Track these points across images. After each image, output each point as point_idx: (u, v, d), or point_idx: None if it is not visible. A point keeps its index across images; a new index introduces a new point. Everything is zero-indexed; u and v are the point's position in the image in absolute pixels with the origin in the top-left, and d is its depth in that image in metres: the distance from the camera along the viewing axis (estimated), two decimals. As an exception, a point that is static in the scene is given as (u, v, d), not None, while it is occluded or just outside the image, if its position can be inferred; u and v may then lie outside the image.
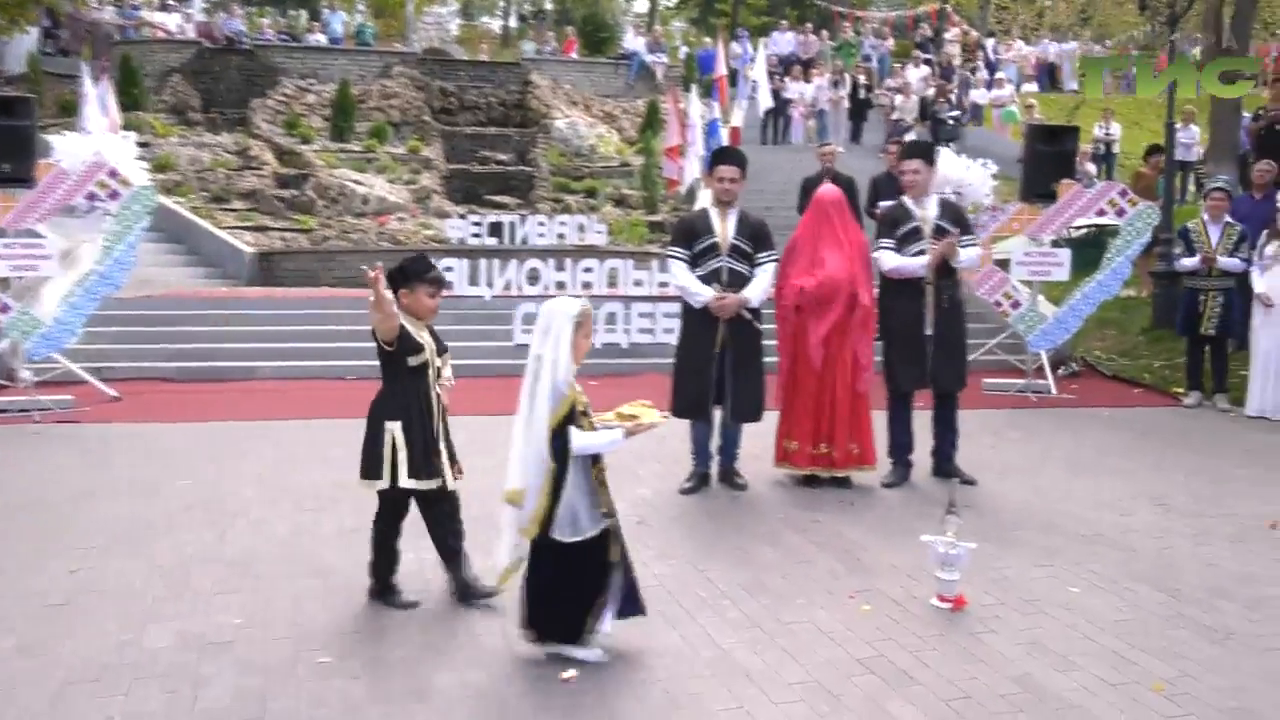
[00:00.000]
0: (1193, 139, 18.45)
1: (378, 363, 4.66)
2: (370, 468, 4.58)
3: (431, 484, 4.63)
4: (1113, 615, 4.74)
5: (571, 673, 4.01)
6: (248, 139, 20.02)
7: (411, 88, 22.88)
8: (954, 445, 7.11)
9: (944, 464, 7.09)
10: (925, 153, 7.15)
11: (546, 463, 4.00)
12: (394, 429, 4.54)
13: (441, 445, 4.69)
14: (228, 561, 5.28)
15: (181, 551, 5.43)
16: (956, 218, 7.05)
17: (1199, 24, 17.22)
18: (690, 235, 6.71)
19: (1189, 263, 9.91)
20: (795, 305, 6.71)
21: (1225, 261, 9.67)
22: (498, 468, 4.26)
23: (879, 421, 7.00)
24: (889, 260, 6.93)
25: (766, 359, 6.73)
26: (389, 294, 4.42)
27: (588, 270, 12.61)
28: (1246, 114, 15.07)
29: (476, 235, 14.24)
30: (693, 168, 18.07)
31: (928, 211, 6.98)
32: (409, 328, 4.59)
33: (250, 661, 4.12)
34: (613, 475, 6.95)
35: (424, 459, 4.59)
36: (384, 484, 4.55)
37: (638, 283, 12.49)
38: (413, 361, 4.59)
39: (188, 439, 8.12)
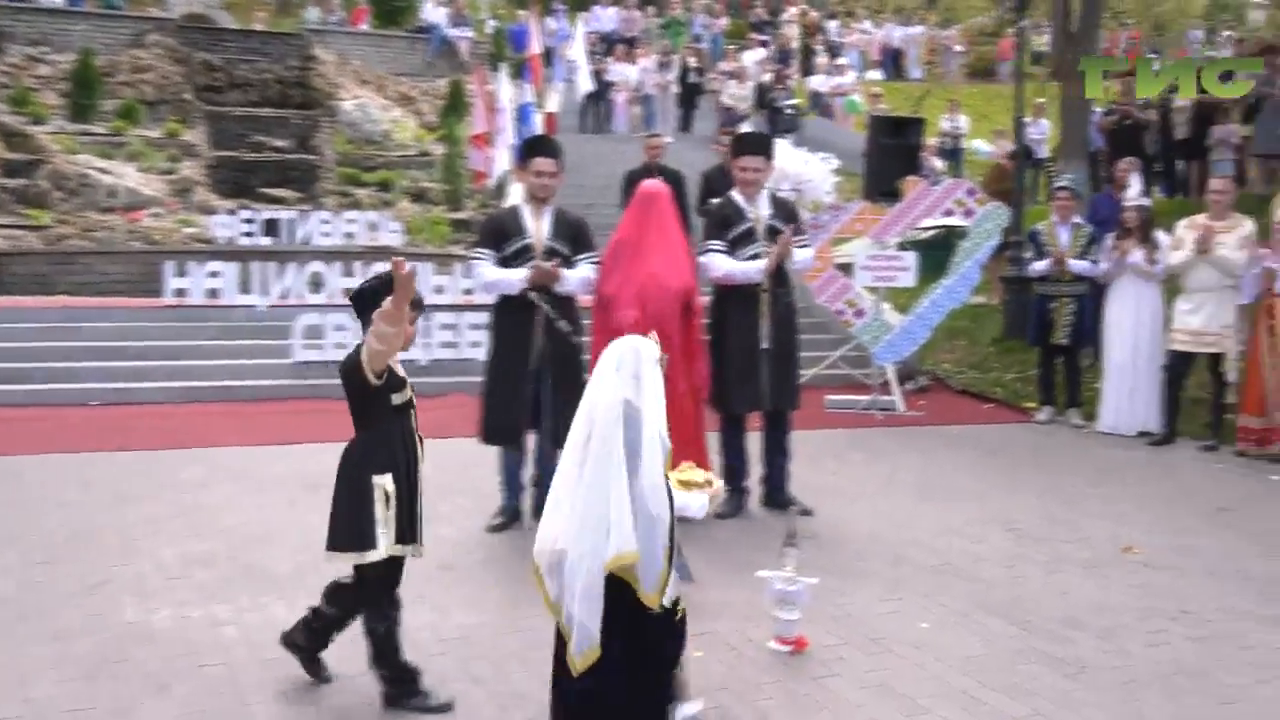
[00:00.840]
0: (1042, 134, 19.51)
1: (133, 385, 4.46)
2: (357, 535, 4.16)
3: (413, 551, 4.35)
4: (963, 651, 4.96)
5: None
6: (-36, 118, 18.97)
7: (169, 60, 22.12)
8: (786, 471, 7.30)
9: (776, 493, 7.26)
10: (766, 148, 7.34)
11: (664, 522, 3.76)
12: (384, 483, 4.21)
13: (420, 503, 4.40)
14: (-61, 627, 4.99)
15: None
16: (789, 216, 7.26)
17: (1048, 10, 18.28)
18: (499, 236, 6.70)
19: (1039, 266, 10.47)
20: (623, 316, 6.74)
21: (1076, 265, 10.26)
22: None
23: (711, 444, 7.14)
24: (721, 265, 7.05)
25: (589, 376, 6.77)
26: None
27: (381, 275, 12.42)
28: (1098, 109, 16.02)
29: (249, 234, 13.90)
30: (502, 158, 18.04)
31: (760, 210, 7.16)
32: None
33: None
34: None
35: (409, 520, 4.28)
36: (379, 554, 4.19)
37: (439, 289, 12.38)
38: (396, 400, 4.34)
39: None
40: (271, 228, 14.02)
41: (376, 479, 4.19)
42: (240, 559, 6.00)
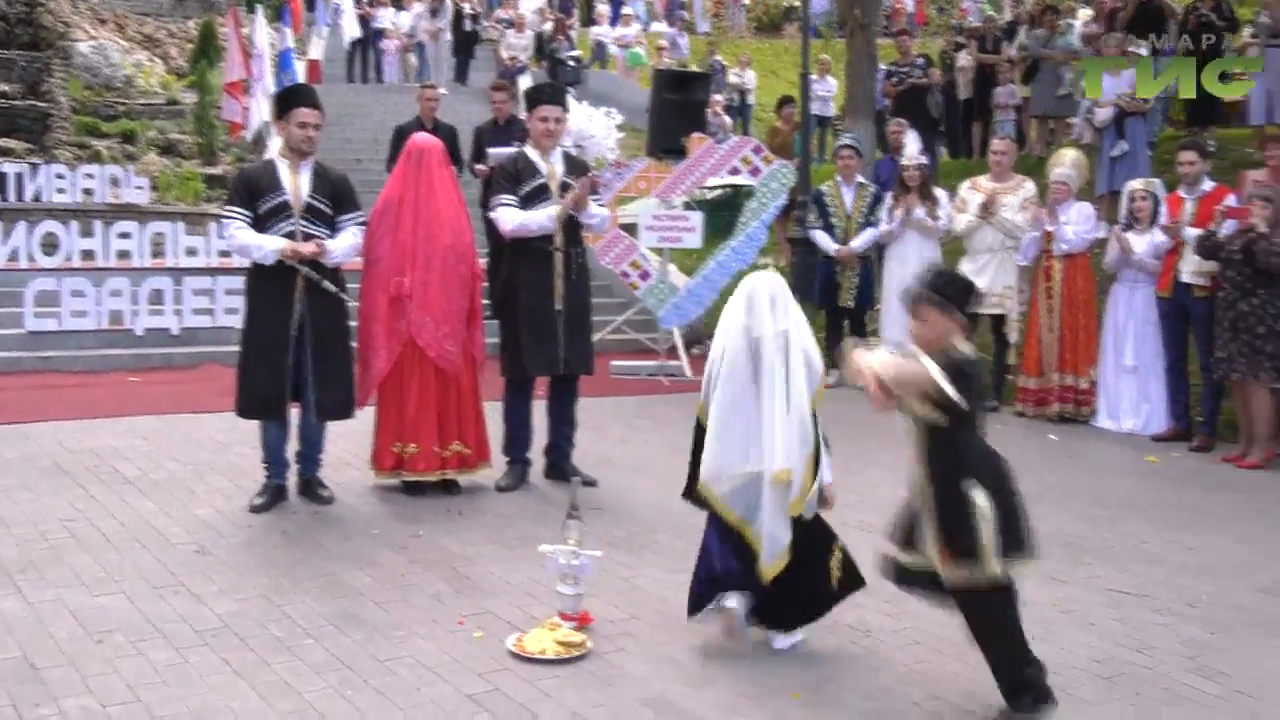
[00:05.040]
0: (830, 92, 20.06)
1: None
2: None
3: None
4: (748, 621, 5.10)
5: None
6: None
7: (-128, -8, 20.61)
8: (571, 441, 7.36)
9: (561, 462, 7.31)
10: (563, 99, 7.37)
11: (808, 441, 4.60)
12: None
13: None
14: None
15: None
16: (583, 174, 7.29)
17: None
18: (253, 192, 6.50)
19: (824, 242, 10.76)
20: (397, 278, 6.65)
21: (860, 245, 10.61)
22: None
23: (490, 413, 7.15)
24: (512, 218, 7.01)
25: (355, 343, 6.67)
26: None
27: (124, 236, 11.96)
28: (884, 66, 16.56)
29: (-30, 189, 13.13)
30: (261, 109, 17.51)
31: (555, 166, 7.16)
32: None
33: None
34: (162, 493, 6.68)
35: None
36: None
37: (191, 251, 12.00)
38: None
39: None
40: (-3, 183, 13.29)
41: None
42: (-34, 550, 5.69)
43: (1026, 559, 4.16)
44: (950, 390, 3.96)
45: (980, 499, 4.06)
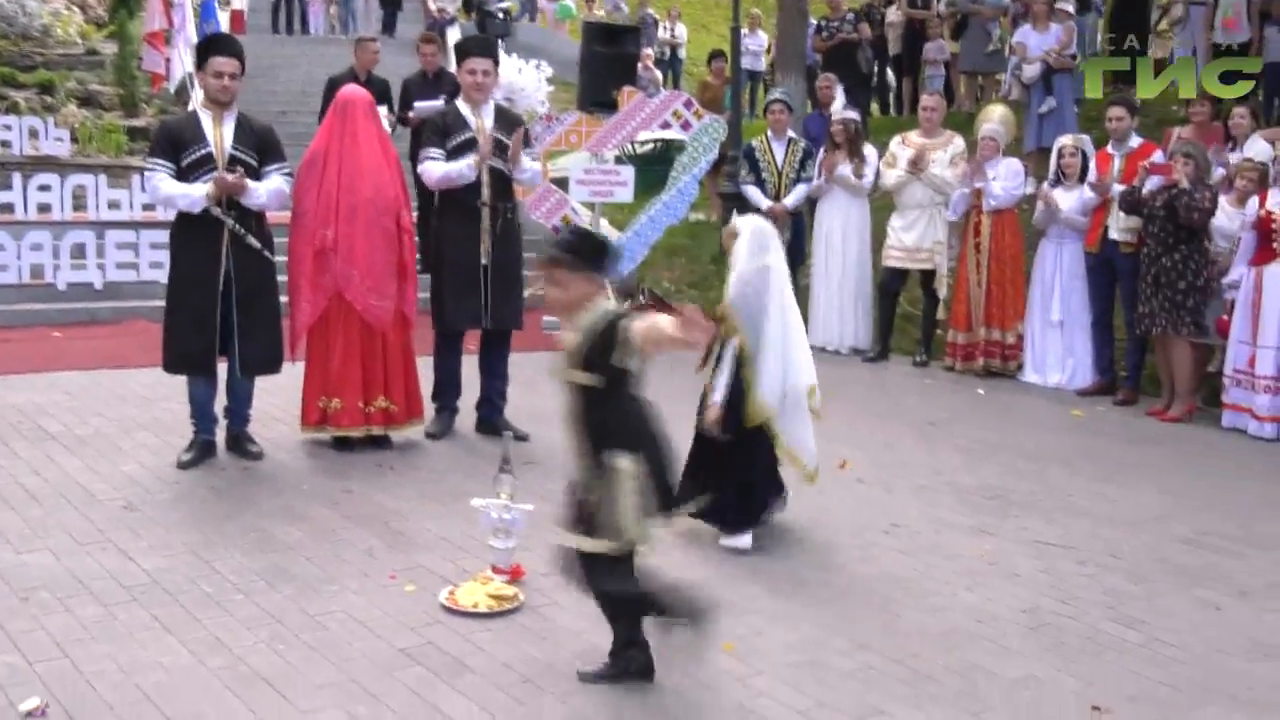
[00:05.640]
0: (760, 46, 20.04)
1: None
2: None
3: None
4: (676, 573, 5.13)
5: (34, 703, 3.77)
6: None
7: None
8: (503, 396, 7.36)
9: (492, 417, 7.30)
10: (494, 51, 7.32)
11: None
12: None
13: None
14: None
15: None
16: (514, 128, 7.24)
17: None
18: (175, 144, 6.38)
19: (756, 198, 10.75)
20: (322, 231, 6.57)
21: (791, 201, 10.62)
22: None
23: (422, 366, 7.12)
24: (436, 169, 6.96)
25: (283, 298, 6.60)
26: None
27: (44, 189, 11.64)
28: (814, 20, 16.55)
29: (-119, 141, 12.78)
30: (183, 59, 17.18)
31: (485, 120, 7.11)
32: None
33: None
34: (88, 449, 6.59)
35: None
36: None
37: (114, 205, 11.71)
38: None
39: None
40: (-92, 135, 12.94)
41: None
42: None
43: (669, 519, 4.09)
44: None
45: (626, 464, 3.90)
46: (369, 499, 6.01)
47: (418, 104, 11.22)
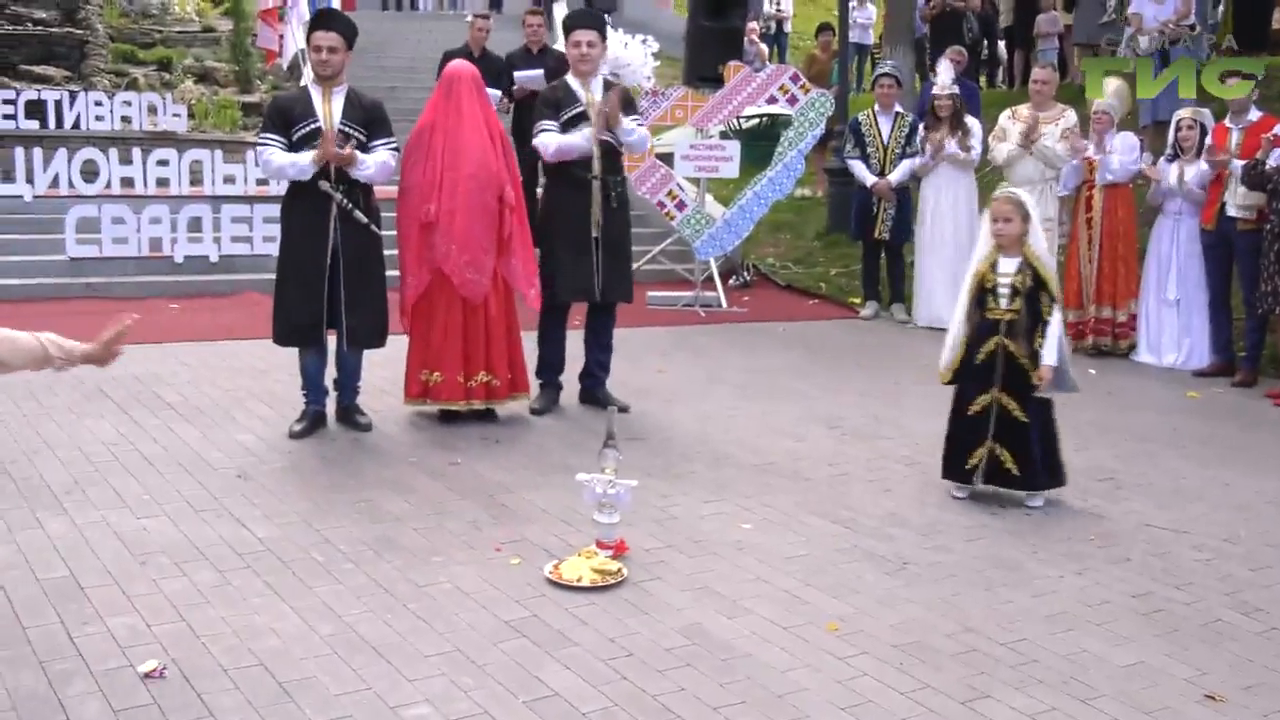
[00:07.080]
0: (869, 19, 19.78)
1: None
2: None
3: None
4: (786, 552, 5.12)
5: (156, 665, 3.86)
6: None
7: (-92, -82, 20.55)
8: (605, 368, 7.37)
9: (595, 389, 7.33)
10: (600, 24, 7.28)
11: None
12: None
13: None
14: None
15: None
16: (627, 103, 7.23)
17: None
18: (286, 119, 6.48)
19: (861, 173, 10.61)
20: (426, 205, 6.63)
21: (896, 177, 10.45)
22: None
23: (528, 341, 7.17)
24: (550, 142, 6.97)
25: (390, 272, 6.67)
26: None
27: (163, 164, 11.91)
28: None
29: (9, 117, 13.12)
30: (296, 36, 17.41)
31: (595, 94, 7.12)
32: None
33: None
34: (204, 419, 6.74)
35: None
36: None
37: (229, 179, 11.95)
38: None
39: None
40: (36, 109, 13.25)
41: None
42: (11, 472, 5.76)
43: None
44: None
45: None
46: (475, 472, 6.06)
47: (517, 74, 11.27)
